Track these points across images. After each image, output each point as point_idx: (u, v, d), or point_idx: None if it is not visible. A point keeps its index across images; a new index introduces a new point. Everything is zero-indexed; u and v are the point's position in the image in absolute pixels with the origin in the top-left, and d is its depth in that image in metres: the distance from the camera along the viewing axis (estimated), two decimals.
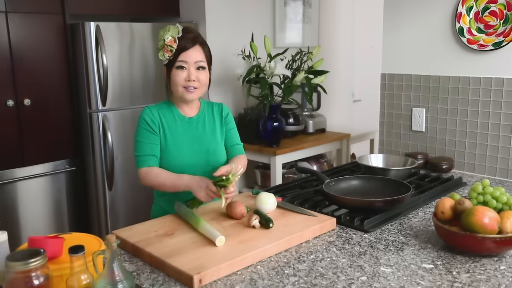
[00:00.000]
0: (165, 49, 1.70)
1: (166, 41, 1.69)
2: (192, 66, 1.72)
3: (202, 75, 1.74)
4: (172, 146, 1.77)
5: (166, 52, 1.70)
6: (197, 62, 1.72)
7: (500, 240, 1.30)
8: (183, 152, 1.77)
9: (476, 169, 2.64)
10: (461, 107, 2.66)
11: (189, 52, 1.71)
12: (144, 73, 3.19)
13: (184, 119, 1.81)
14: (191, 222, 1.55)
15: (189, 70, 1.71)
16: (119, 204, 3.16)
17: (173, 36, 1.69)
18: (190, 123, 1.82)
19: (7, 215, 2.88)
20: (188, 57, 1.71)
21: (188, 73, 1.71)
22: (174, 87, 1.75)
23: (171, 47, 1.69)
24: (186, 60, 1.71)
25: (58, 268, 1.08)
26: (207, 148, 1.81)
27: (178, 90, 1.74)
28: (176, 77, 1.72)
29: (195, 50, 1.72)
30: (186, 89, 1.73)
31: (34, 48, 2.89)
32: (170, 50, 1.69)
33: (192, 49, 1.71)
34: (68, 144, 3.10)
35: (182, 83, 1.72)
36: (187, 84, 1.72)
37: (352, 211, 1.67)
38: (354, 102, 4.48)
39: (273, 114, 3.19)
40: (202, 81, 1.75)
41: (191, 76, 1.71)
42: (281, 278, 1.25)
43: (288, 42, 3.95)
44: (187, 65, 1.71)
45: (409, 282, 1.22)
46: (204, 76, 1.75)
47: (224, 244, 1.39)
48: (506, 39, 2.43)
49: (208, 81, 1.79)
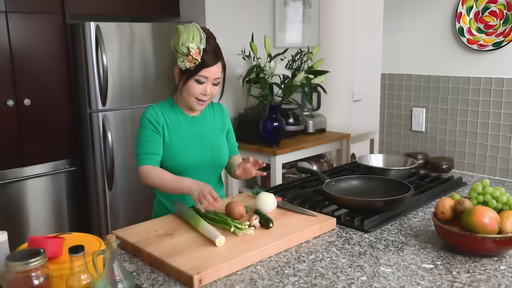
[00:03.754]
0: (188, 59, 1.68)
1: (192, 51, 1.67)
2: (210, 81, 1.74)
3: (215, 90, 1.78)
4: (178, 144, 1.79)
5: (189, 62, 1.69)
6: (216, 79, 1.75)
7: (500, 240, 1.30)
8: (188, 150, 1.79)
9: (476, 169, 2.64)
10: (461, 107, 2.66)
11: (211, 69, 1.72)
12: (144, 73, 3.19)
13: (187, 118, 1.84)
14: (191, 222, 1.55)
15: (206, 85, 1.74)
16: (119, 204, 3.16)
17: (199, 48, 1.68)
18: (193, 121, 1.85)
19: (7, 215, 2.88)
20: (210, 74, 1.72)
21: (205, 87, 1.74)
22: (187, 96, 1.76)
23: (196, 60, 1.68)
24: (207, 76, 1.72)
25: (58, 268, 1.08)
26: (212, 145, 1.84)
27: (190, 99, 1.76)
28: (193, 90, 1.73)
29: (216, 66, 1.74)
30: (198, 101, 1.76)
31: (34, 48, 2.88)
32: (194, 63, 1.69)
33: (214, 66, 1.73)
34: (68, 144, 3.10)
35: (197, 96, 1.75)
36: (201, 97, 1.75)
37: (352, 211, 1.67)
38: (354, 102, 4.48)
39: (273, 114, 3.19)
40: (214, 95, 1.79)
41: (207, 91, 1.74)
42: (281, 278, 1.25)
43: (288, 42, 3.95)
44: (206, 81, 1.73)
45: (409, 282, 1.22)
46: (217, 89, 1.80)
47: (224, 244, 1.39)
48: (506, 39, 2.43)
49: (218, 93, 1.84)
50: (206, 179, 1.84)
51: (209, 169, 1.85)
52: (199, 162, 1.80)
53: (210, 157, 1.83)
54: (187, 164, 1.79)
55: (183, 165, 1.78)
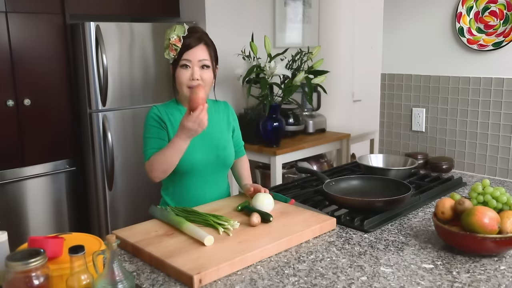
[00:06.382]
0: (170, 48, 1.71)
1: (171, 40, 1.70)
2: (196, 65, 1.72)
3: (205, 74, 1.74)
4: None
5: (171, 51, 1.71)
6: (201, 61, 1.72)
7: (500, 240, 1.30)
8: (194, 149, 1.76)
9: (476, 169, 2.64)
10: (461, 107, 2.66)
11: (193, 50, 1.71)
12: (144, 73, 3.19)
13: None
14: (174, 225, 1.53)
15: (193, 69, 1.72)
16: (119, 204, 3.16)
17: (178, 35, 1.70)
18: None
19: (7, 215, 2.88)
20: (192, 56, 1.71)
21: (192, 72, 1.72)
22: (179, 86, 1.76)
23: (176, 46, 1.70)
24: (190, 59, 1.71)
25: (58, 268, 1.08)
26: (217, 144, 1.83)
27: (182, 89, 1.75)
28: (180, 76, 1.73)
29: (199, 48, 1.72)
30: (190, 89, 1.72)
31: (34, 48, 2.89)
32: (175, 49, 1.70)
33: (196, 48, 1.72)
34: (68, 144, 3.11)
35: (186, 82, 1.73)
36: (191, 83, 1.72)
37: (352, 211, 1.67)
38: (354, 102, 4.48)
39: (273, 114, 3.19)
40: (206, 80, 1.74)
41: (194, 74, 1.71)
42: (281, 278, 1.25)
43: (288, 42, 3.96)
44: (191, 64, 1.72)
45: (409, 282, 1.22)
46: (208, 75, 1.75)
47: (224, 244, 1.39)
48: (506, 39, 2.43)
49: (212, 80, 1.79)
50: (212, 179, 1.84)
51: (215, 169, 1.83)
52: (204, 161, 1.78)
53: (215, 156, 1.81)
54: (193, 163, 1.76)
55: (188, 165, 1.76)
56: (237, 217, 1.61)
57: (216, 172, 1.85)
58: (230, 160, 1.88)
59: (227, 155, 1.85)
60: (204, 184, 1.83)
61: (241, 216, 1.63)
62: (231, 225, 1.49)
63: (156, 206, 1.68)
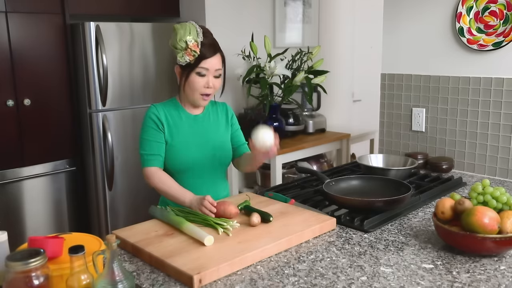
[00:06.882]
0: (187, 53, 1.71)
1: (190, 44, 1.70)
2: (211, 73, 1.75)
3: (218, 82, 1.79)
4: (179, 143, 1.80)
5: (188, 56, 1.71)
6: (217, 70, 1.77)
7: (500, 240, 1.30)
8: (190, 148, 1.80)
9: (476, 169, 2.64)
10: (461, 107, 2.66)
11: (211, 60, 1.74)
12: (144, 73, 3.19)
13: (190, 117, 1.85)
14: (174, 225, 1.53)
15: (208, 77, 1.75)
16: (119, 204, 3.16)
17: (196, 41, 1.70)
18: (195, 120, 1.85)
19: (7, 215, 2.88)
20: (210, 65, 1.74)
21: (207, 80, 1.75)
22: (191, 91, 1.78)
23: (195, 52, 1.70)
24: (207, 68, 1.74)
25: (58, 268, 1.08)
26: (213, 144, 1.85)
27: (194, 95, 1.78)
28: (196, 83, 1.75)
29: (215, 58, 1.75)
30: (203, 96, 1.77)
31: (34, 48, 2.88)
32: (192, 55, 1.71)
33: (213, 57, 1.74)
34: (68, 144, 3.10)
35: (201, 90, 1.76)
36: (205, 91, 1.76)
37: (352, 211, 1.67)
38: (354, 102, 4.48)
39: (273, 114, 3.19)
40: (217, 87, 1.80)
41: (209, 83, 1.75)
42: (281, 278, 1.25)
43: (288, 42, 3.95)
44: (207, 72, 1.75)
45: (409, 282, 1.22)
46: (219, 82, 1.81)
47: (224, 244, 1.39)
48: (506, 39, 2.43)
49: (221, 86, 1.84)
50: (210, 178, 1.86)
51: (212, 168, 1.85)
52: (201, 161, 1.81)
53: (211, 155, 1.83)
54: (190, 163, 1.79)
55: (185, 164, 1.79)
56: (237, 217, 1.61)
57: (214, 172, 1.87)
58: (228, 159, 1.90)
59: (225, 155, 1.88)
60: (202, 184, 1.84)
61: (241, 216, 1.63)
62: (230, 225, 1.50)
63: (156, 206, 1.69)
